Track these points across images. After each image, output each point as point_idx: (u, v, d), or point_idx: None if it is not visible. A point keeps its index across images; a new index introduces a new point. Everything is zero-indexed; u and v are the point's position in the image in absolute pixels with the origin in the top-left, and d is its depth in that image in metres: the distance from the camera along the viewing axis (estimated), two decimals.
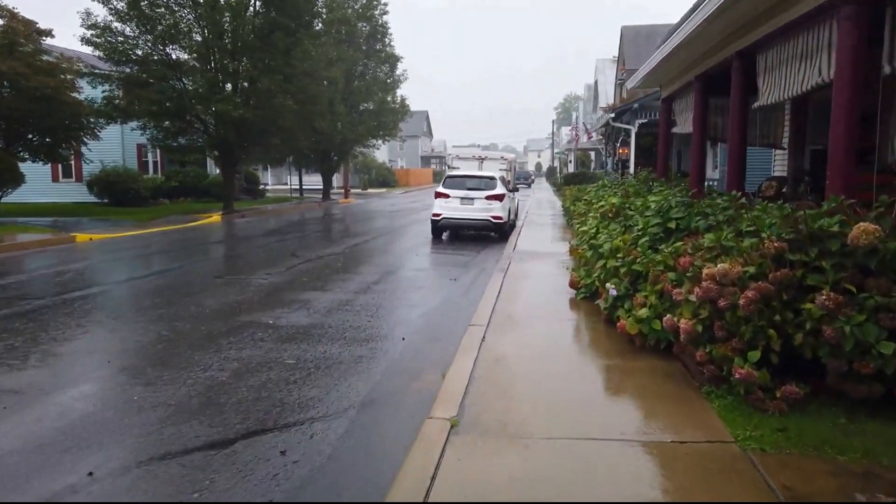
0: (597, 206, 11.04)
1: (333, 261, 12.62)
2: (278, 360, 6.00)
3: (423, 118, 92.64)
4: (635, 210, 7.58)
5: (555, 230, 18.11)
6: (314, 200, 36.22)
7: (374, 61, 37.05)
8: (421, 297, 9.16)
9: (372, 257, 13.30)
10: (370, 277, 10.67)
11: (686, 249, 5.69)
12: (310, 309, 8.20)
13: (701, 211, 6.39)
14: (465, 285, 10.15)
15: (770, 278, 4.45)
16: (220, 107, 21.17)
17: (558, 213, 24.03)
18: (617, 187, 12.83)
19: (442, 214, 16.51)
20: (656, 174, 13.06)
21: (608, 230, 7.99)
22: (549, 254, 12.78)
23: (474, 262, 12.78)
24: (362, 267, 11.90)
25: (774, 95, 7.40)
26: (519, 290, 8.96)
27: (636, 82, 13.48)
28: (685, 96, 11.89)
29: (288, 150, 29.58)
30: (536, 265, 11.37)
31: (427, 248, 15.21)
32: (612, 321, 6.58)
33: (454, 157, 24.47)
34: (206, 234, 18.18)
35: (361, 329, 7.25)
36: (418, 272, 11.58)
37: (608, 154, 28.38)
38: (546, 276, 10.15)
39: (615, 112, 18.47)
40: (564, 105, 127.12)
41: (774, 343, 4.37)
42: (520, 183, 65.09)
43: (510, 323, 6.95)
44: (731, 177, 8.43)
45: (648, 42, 39.13)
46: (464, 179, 17.15)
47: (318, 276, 10.79)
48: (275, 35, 22.94)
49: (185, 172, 33.67)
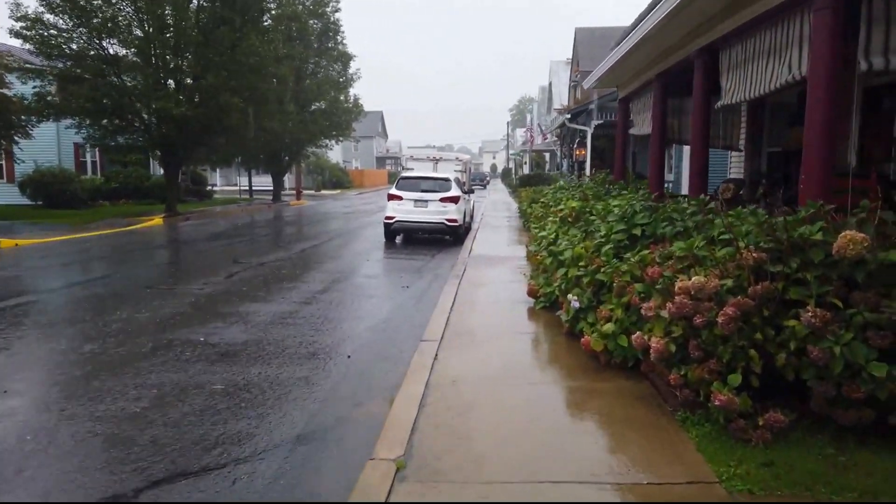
0: (555, 210, 10.64)
1: (279, 267, 11.88)
2: (205, 386, 5.32)
3: (378, 118, 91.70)
4: (597, 214, 7.15)
5: (511, 233, 17.71)
6: (264, 202, 35.09)
7: (326, 59, 36.12)
8: (371, 308, 8.55)
9: (321, 263, 12.61)
10: (317, 286, 10.01)
11: (654, 258, 5.26)
12: (248, 323, 7.50)
13: (667, 216, 5.98)
14: (418, 293, 9.58)
15: (750, 292, 4.03)
16: (160, 104, 20.06)
17: (514, 215, 23.69)
18: (575, 189, 12.48)
19: (395, 217, 15.91)
20: (614, 176, 12.76)
21: (568, 236, 7.54)
22: (505, 258, 12.32)
23: (428, 268, 12.23)
24: (310, 274, 11.20)
25: (739, 94, 7.08)
26: (474, 299, 8.44)
27: (593, 82, 13.16)
28: (643, 96, 11.61)
29: (235, 150, 28.47)
30: (493, 271, 10.89)
31: (380, 253, 14.59)
32: (575, 334, 6.13)
33: (408, 158, 23.91)
34: (145, 239, 17.14)
35: (303, 345, 6.62)
36: (369, 279, 10.96)
37: (563, 155, 28.22)
38: (503, 283, 9.67)
39: (571, 113, 18.19)
40: (519, 107, 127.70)
41: (756, 365, 3.95)
42: (475, 184, 64.88)
43: (465, 338, 6.41)
44: (693, 179, 8.10)
45: (603, 43, 39.24)
46: (418, 181, 16.58)
47: (261, 284, 10.06)
48: (220, 30, 21.94)
49: (126, 173, 32.12)
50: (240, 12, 22.72)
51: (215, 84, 21.15)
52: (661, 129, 10.02)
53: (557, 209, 10.29)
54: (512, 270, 10.79)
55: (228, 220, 24.03)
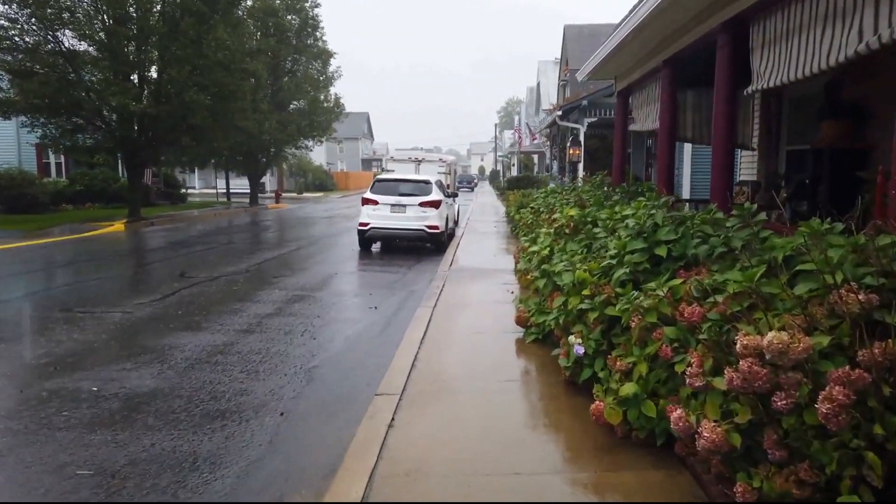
0: (546, 217, 9.20)
1: (231, 283, 10.35)
2: (66, 469, 3.81)
3: (364, 120, 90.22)
4: (603, 226, 5.69)
5: (498, 240, 16.25)
6: (241, 206, 33.44)
7: (306, 56, 34.55)
8: (326, 338, 7.05)
9: (281, 277, 11.08)
10: (268, 307, 8.49)
11: (689, 291, 3.81)
12: (165, 362, 5.98)
13: (699, 231, 4.54)
14: (387, 317, 8.09)
15: (862, 359, 2.59)
16: (116, 100, 18.41)
17: (502, 219, 22.27)
18: (568, 193, 11.03)
19: (370, 224, 14.41)
20: (612, 179, 11.34)
21: (566, 252, 6.08)
22: (491, 271, 10.86)
23: (403, 282, 10.74)
24: (264, 291, 9.68)
25: (779, 76, 5.66)
26: (451, 327, 6.96)
27: (587, 73, 11.74)
28: (646, 88, 10.20)
29: (205, 150, 26.81)
30: (476, 288, 9.42)
31: (352, 264, 13.09)
32: (577, 385, 4.68)
33: (389, 159, 22.47)
34: (96, 248, 15.52)
35: (226, 397, 5.11)
36: (333, 298, 9.45)
37: (553, 156, 26.83)
38: (486, 304, 8.20)
39: (562, 110, 16.80)
40: (507, 109, 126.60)
41: (876, 477, 2.50)
42: (463, 187, 63.58)
43: (434, 389, 4.93)
44: (716, 182, 6.68)
45: (592, 41, 37.95)
46: (396, 184, 15.09)
47: (202, 306, 8.53)
48: (185, 21, 20.35)
49: (92, 175, 30.42)
50: (208, 3, 21.14)
51: (177, 79, 19.54)
52: (670, 124, 8.60)
53: (550, 217, 8.85)
54: (498, 287, 9.33)
55: (196, 225, 22.41)
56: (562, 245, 6.19)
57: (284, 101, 33.45)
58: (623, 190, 9.24)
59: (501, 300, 8.25)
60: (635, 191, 9.40)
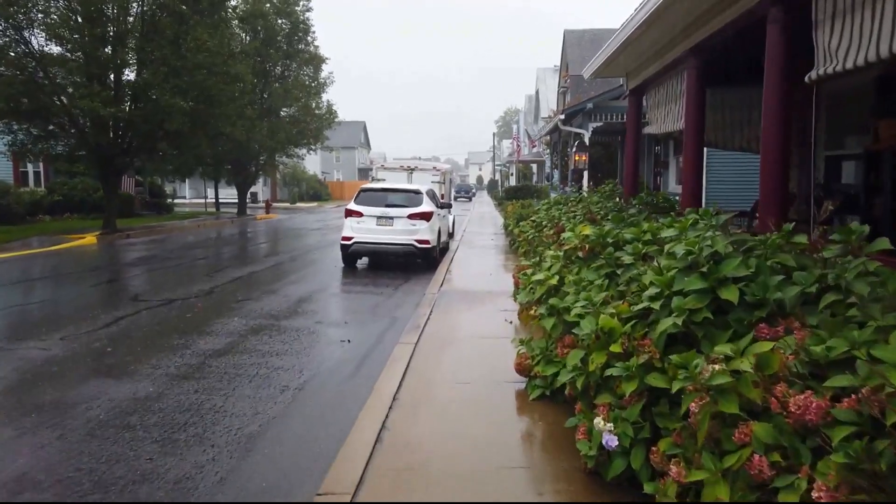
0: (551, 234, 7.85)
1: (186, 308, 8.97)
2: None
3: (361, 129, 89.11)
4: (632, 250, 4.33)
5: (496, 255, 14.90)
6: (229, 216, 32.06)
7: (297, 62, 33.29)
8: (278, 385, 5.66)
9: (245, 301, 9.70)
10: (219, 342, 7.10)
11: (785, 363, 2.45)
12: (60, 427, 4.59)
13: (777, 263, 3.18)
14: (359, 355, 6.71)
15: None
16: (85, 103, 17.07)
17: (500, 231, 20.92)
18: (575, 205, 9.70)
19: (354, 238, 13.05)
20: (624, 189, 10.01)
21: (579, 281, 4.71)
22: (487, 294, 9.50)
23: (386, 307, 9.37)
24: (221, 320, 8.29)
25: (857, 55, 4.33)
26: (434, 375, 5.57)
27: (595, 69, 10.42)
28: (665, 84, 8.87)
29: (188, 158, 25.46)
30: (468, 316, 8.05)
31: (333, 283, 11.72)
32: (602, 476, 3.31)
33: (379, 168, 21.17)
34: (56, 264, 14.15)
35: (119, 485, 3.72)
36: (300, 327, 8.05)
37: (554, 165, 25.51)
38: (480, 340, 6.82)
39: (565, 114, 15.48)
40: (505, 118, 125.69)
41: None
42: (460, 196, 62.30)
43: (401, 485, 3.55)
44: (771, 195, 5.33)
45: (593, 46, 36.79)
46: (382, 194, 13.74)
47: (140, 340, 7.15)
48: (162, 20, 19.09)
49: (71, 184, 29.09)
50: (189, 2, 19.87)
51: (151, 82, 18.22)
52: (697, 124, 7.26)
53: (556, 235, 7.50)
54: (494, 315, 7.96)
55: (174, 238, 21.02)
56: (575, 273, 4.82)
57: (274, 107, 32.17)
58: (640, 201, 7.90)
59: (498, 334, 6.87)
60: (653, 202, 8.08)
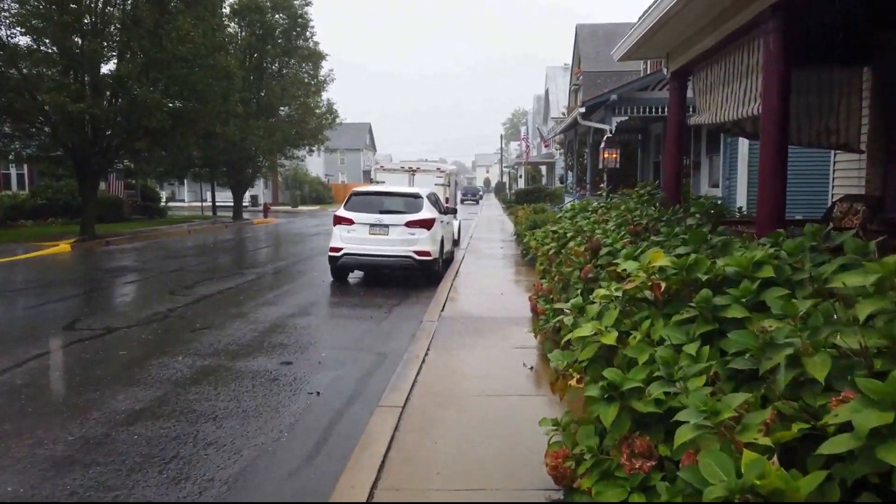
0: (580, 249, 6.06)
1: (124, 342, 7.24)
2: None
3: (366, 130, 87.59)
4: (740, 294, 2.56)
5: (507, 268, 13.13)
6: (225, 221, 30.36)
7: (295, 58, 31.61)
8: (196, 481, 3.89)
9: (203, 331, 7.94)
10: (142, 397, 5.35)
11: None
12: None
13: None
14: (326, 421, 4.94)
15: None
16: (51, 98, 15.39)
17: (509, 238, 19.13)
18: (606, 212, 7.92)
19: (343, 249, 11.29)
20: (665, 193, 8.20)
21: (652, 342, 2.93)
22: (498, 322, 7.73)
23: (373, 338, 7.61)
24: (159, 361, 6.53)
25: None
26: (424, 476, 3.78)
27: (627, 49, 8.61)
28: (723, 61, 7.05)
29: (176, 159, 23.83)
30: (475, 358, 6.28)
31: (317, 303, 9.97)
32: None
33: (379, 169, 19.38)
34: (10, 278, 12.50)
35: None
36: (259, 371, 6.28)
37: (568, 166, 23.67)
38: (494, 402, 5.03)
39: (585, 106, 13.67)
40: (513, 120, 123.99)
41: None
42: (467, 199, 60.39)
43: None
44: None
45: (607, 41, 34.93)
46: (377, 198, 12.00)
47: (35, 397, 5.42)
48: (141, 7, 17.43)
49: (56, 187, 27.51)
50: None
51: (127, 75, 16.54)
52: (779, 109, 5.44)
53: (587, 252, 5.72)
54: (508, 355, 6.19)
55: (157, 245, 19.34)
56: (644, 327, 3.05)
57: (270, 105, 30.49)
58: (700, 208, 6.09)
59: (516, 387, 5.11)
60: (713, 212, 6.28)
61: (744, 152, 12.62)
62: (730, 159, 13.13)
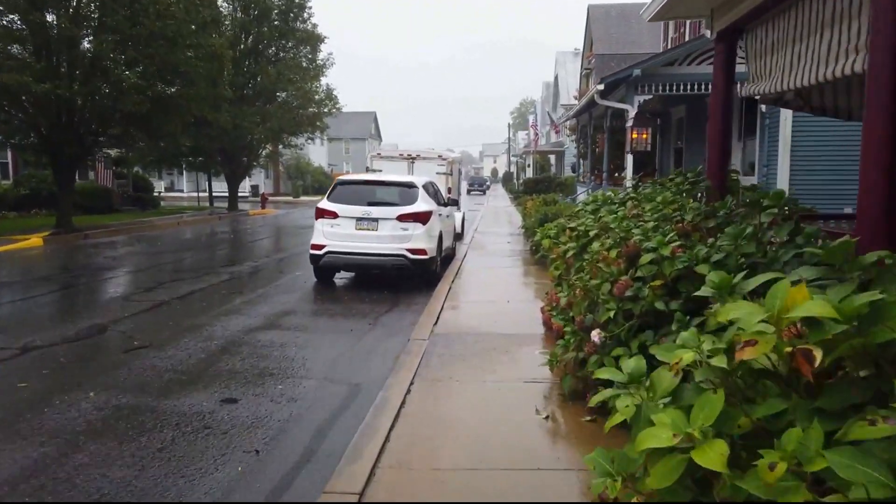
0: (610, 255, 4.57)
1: (34, 367, 5.80)
2: None
3: (371, 119, 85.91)
4: None
5: (514, 268, 11.62)
6: (219, 212, 28.91)
7: (292, 41, 29.99)
8: None
9: (139, 351, 6.48)
10: (16, 460, 3.91)
11: None
12: None
13: None
14: (262, 491, 3.47)
15: None
16: (9, 78, 13.92)
17: (517, 231, 17.62)
18: (638, 205, 6.39)
19: (326, 246, 9.83)
20: (709, 180, 6.64)
21: None
22: (504, 342, 6.24)
23: (349, 360, 6.14)
24: (66, 397, 5.08)
25: None
26: None
27: (660, 6, 7.06)
28: (789, 13, 5.49)
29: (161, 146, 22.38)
30: (473, 400, 4.78)
31: (290, 311, 8.48)
32: None
33: (375, 157, 17.86)
34: None
35: None
36: (189, 413, 4.82)
37: (581, 154, 22.04)
38: (498, 475, 3.55)
39: (604, 83, 12.04)
40: (520, 109, 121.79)
41: None
42: (474, 189, 58.59)
43: None
44: None
45: (621, 22, 33.15)
46: (365, 188, 10.51)
47: None
48: None
49: (40, 177, 26.14)
50: None
51: (99, 53, 15.07)
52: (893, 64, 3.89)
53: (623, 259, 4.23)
54: (516, 395, 4.70)
55: (138, 239, 17.93)
56: (790, 445, 1.57)
57: (266, 90, 28.95)
58: (774, 200, 4.56)
59: (525, 455, 3.62)
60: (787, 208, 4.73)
61: (786, 134, 11.01)
62: (768, 142, 11.53)
